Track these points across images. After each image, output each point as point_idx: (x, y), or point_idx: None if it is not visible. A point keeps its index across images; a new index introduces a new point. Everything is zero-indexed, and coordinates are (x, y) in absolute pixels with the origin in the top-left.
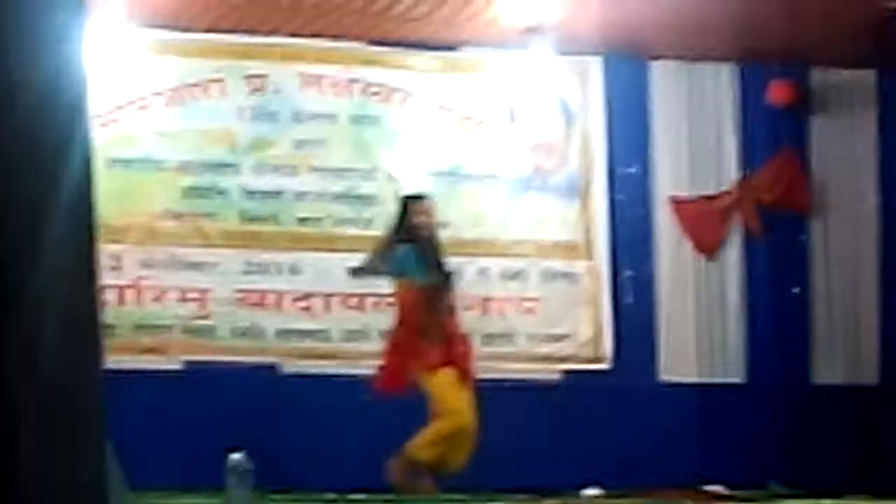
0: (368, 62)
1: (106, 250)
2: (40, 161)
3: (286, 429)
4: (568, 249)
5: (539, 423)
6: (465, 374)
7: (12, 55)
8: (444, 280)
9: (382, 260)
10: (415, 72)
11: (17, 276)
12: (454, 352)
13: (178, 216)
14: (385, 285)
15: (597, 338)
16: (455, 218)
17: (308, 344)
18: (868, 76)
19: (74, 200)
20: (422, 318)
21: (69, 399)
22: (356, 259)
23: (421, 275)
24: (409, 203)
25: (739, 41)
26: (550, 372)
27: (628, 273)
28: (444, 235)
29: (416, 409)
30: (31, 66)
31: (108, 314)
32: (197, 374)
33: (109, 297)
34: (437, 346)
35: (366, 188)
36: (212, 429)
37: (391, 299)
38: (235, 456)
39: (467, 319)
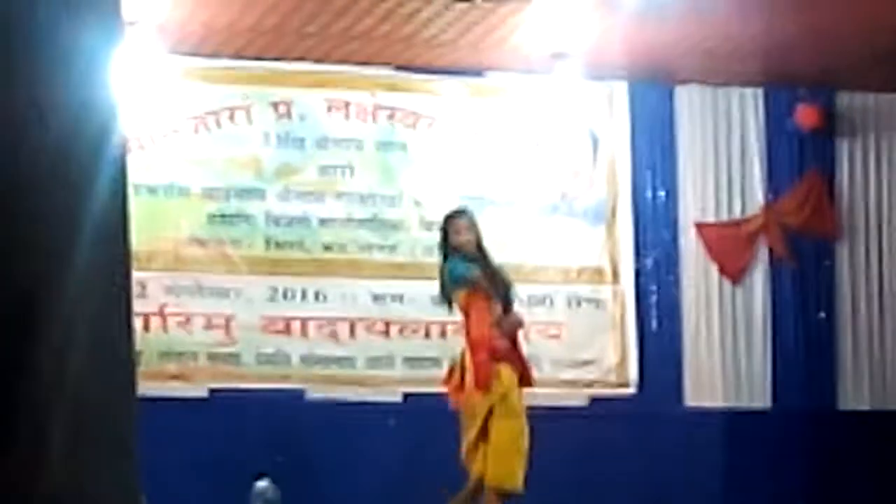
0: (394, 88)
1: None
2: (72, 183)
3: (312, 455)
4: (594, 274)
5: (565, 448)
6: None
7: (44, 78)
8: (495, 284)
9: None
10: (441, 97)
11: (47, 300)
12: (516, 355)
13: (203, 242)
14: (411, 311)
15: (623, 363)
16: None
17: (333, 370)
18: (893, 100)
19: (106, 224)
20: (489, 317)
21: (99, 423)
22: (381, 285)
23: (472, 272)
24: (448, 221)
25: (764, 65)
26: (577, 397)
27: (654, 298)
28: None
29: (443, 436)
30: (64, 88)
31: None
32: (222, 401)
33: (135, 323)
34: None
35: (391, 214)
36: (237, 456)
37: (415, 326)
38: (261, 483)
39: None
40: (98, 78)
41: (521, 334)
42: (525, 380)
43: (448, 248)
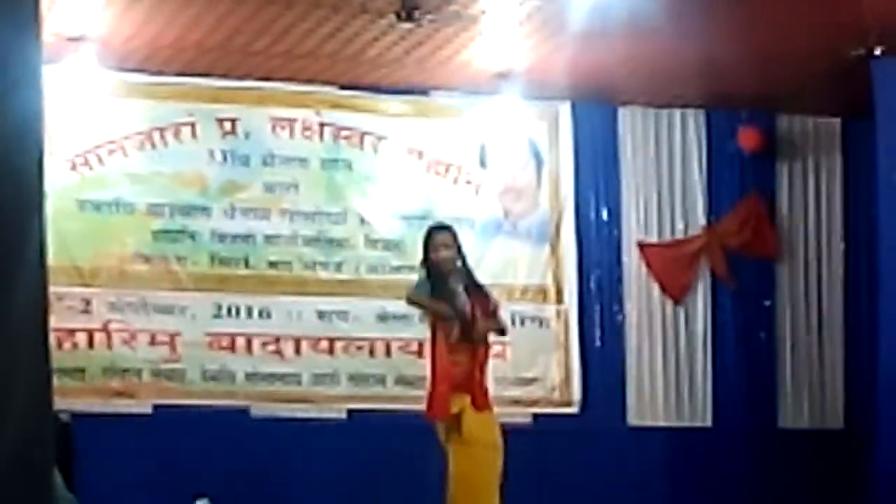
0: (340, 106)
1: (76, 293)
2: (6, 210)
3: (256, 473)
4: (538, 293)
5: (509, 466)
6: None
7: None
8: (453, 312)
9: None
10: (386, 116)
11: None
12: (471, 383)
13: (148, 259)
14: (356, 329)
15: (566, 382)
16: None
17: (278, 387)
18: (833, 123)
19: (33, 252)
20: (447, 348)
21: (21, 458)
22: (326, 302)
23: (419, 293)
24: (428, 237)
25: (707, 88)
26: (521, 415)
27: (597, 317)
28: (415, 278)
29: (387, 454)
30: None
31: (78, 357)
32: (166, 418)
33: (79, 339)
34: (462, 373)
35: (337, 231)
36: (181, 472)
37: (360, 343)
38: (200, 502)
39: None
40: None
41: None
42: (477, 403)
43: (427, 263)
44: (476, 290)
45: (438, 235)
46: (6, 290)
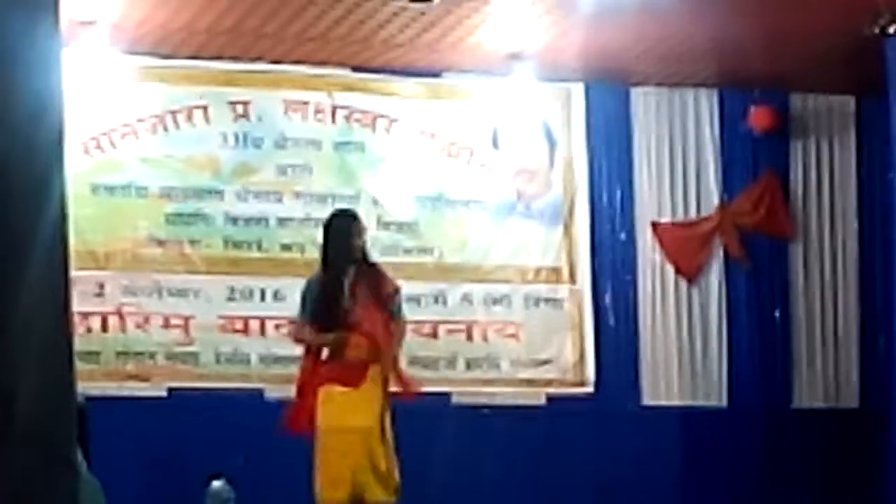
0: (352, 88)
1: (89, 276)
2: (14, 200)
3: (269, 455)
4: (551, 274)
5: (523, 447)
6: (353, 380)
7: None
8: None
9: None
10: (398, 98)
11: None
12: (353, 375)
13: (161, 242)
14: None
15: (580, 362)
16: (439, 243)
17: (292, 370)
18: (847, 101)
19: (49, 233)
20: (318, 351)
21: (40, 438)
22: None
23: (317, 307)
24: (342, 223)
25: (720, 67)
26: (534, 396)
27: (611, 298)
28: (427, 260)
29: (401, 437)
30: (6, 93)
31: (92, 341)
32: (180, 401)
33: (93, 323)
34: (335, 369)
35: None
36: (195, 455)
37: None
38: (217, 483)
39: (451, 344)
40: (44, 83)
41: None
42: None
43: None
44: (371, 274)
45: (357, 223)
46: (21, 269)
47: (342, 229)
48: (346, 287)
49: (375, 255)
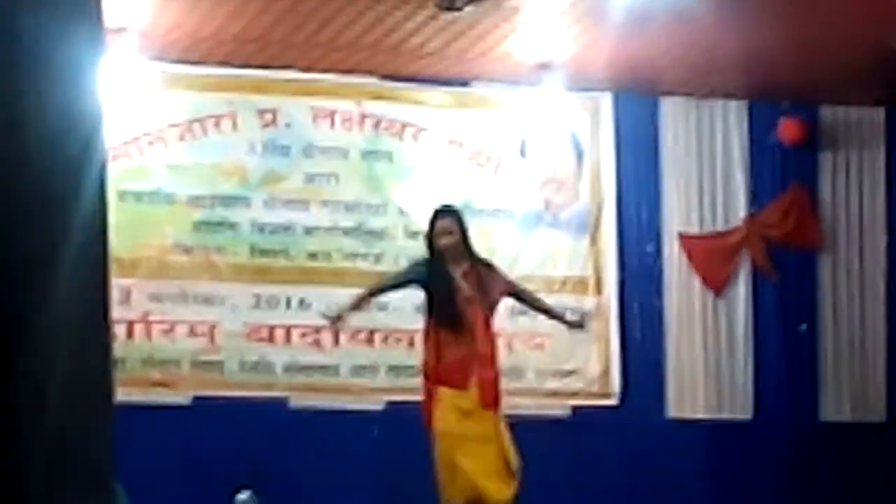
0: (380, 97)
1: (115, 284)
2: (52, 197)
3: (295, 464)
4: (577, 285)
5: (548, 458)
6: (480, 391)
7: (23, 88)
8: (447, 295)
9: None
10: (426, 107)
11: (27, 315)
12: (464, 372)
13: (188, 250)
14: (395, 320)
15: (606, 373)
16: None
17: (317, 378)
18: (877, 113)
19: (87, 235)
20: (436, 339)
21: (77, 459)
22: None
23: (426, 292)
24: (432, 222)
25: (749, 78)
26: (559, 407)
27: (637, 309)
28: None
29: (426, 445)
30: (44, 99)
31: (117, 348)
32: (206, 409)
33: (118, 330)
34: (448, 365)
35: (376, 223)
36: (220, 464)
37: (399, 334)
38: (243, 494)
39: None
40: (83, 90)
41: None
42: (486, 398)
43: (432, 249)
44: (483, 268)
45: (440, 222)
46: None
47: (429, 231)
48: (455, 281)
49: (401, 264)
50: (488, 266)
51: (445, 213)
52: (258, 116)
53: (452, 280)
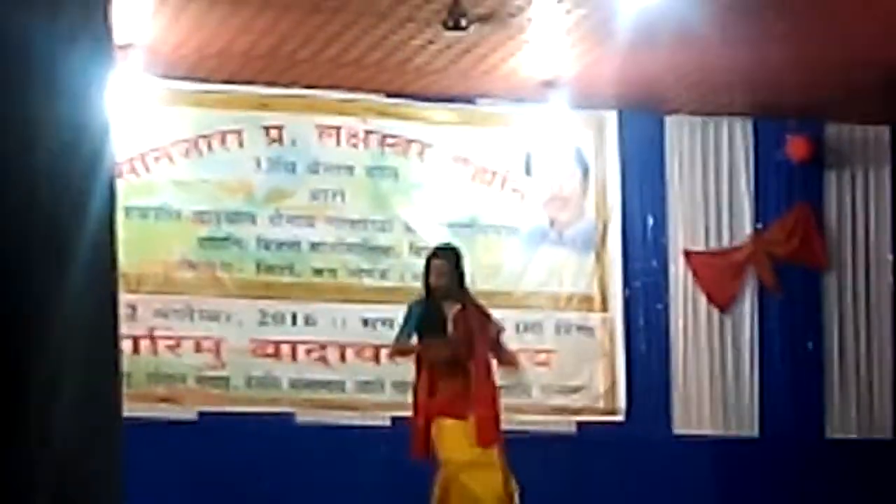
0: (386, 114)
1: (121, 299)
2: (61, 213)
3: (300, 480)
4: (583, 301)
5: (554, 475)
6: (478, 429)
7: (34, 101)
8: (442, 340)
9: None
10: (432, 124)
11: (36, 330)
12: (462, 405)
13: (193, 266)
14: None
15: (611, 390)
16: (471, 269)
17: (323, 394)
18: (882, 132)
19: (95, 249)
20: (429, 376)
21: (84, 482)
22: (371, 310)
23: (417, 333)
24: (429, 260)
25: (754, 96)
26: (565, 424)
27: (643, 326)
28: None
29: (431, 461)
30: (54, 112)
31: (123, 363)
32: (211, 424)
33: (124, 346)
34: (445, 399)
35: (382, 239)
36: (226, 480)
37: None
38: None
39: None
40: (92, 105)
41: (497, 366)
42: (482, 437)
43: (426, 284)
44: (476, 313)
45: (435, 261)
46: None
47: (425, 269)
48: (448, 320)
49: (407, 281)
50: (480, 308)
51: (442, 251)
52: (264, 133)
53: (445, 319)
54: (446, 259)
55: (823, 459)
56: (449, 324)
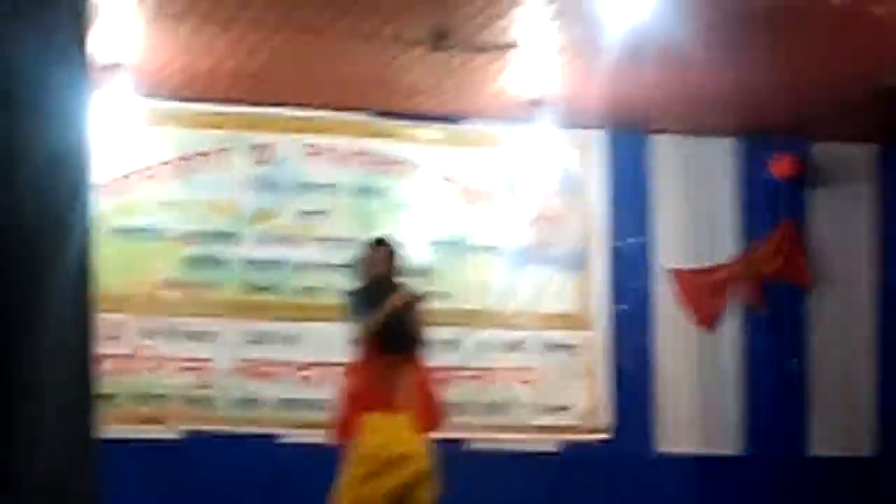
0: (373, 134)
1: (106, 319)
2: (41, 236)
3: (285, 501)
4: (568, 320)
5: (537, 494)
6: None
7: (16, 127)
8: (384, 325)
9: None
10: (419, 143)
11: (17, 353)
12: (396, 397)
13: (179, 286)
14: None
15: (596, 409)
16: (457, 288)
17: (307, 415)
18: (868, 150)
19: (74, 273)
20: (369, 365)
21: (63, 480)
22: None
23: (363, 318)
24: (371, 248)
25: (740, 115)
26: (550, 443)
27: (627, 345)
28: (446, 306)
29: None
30: (37, 141)
31: (108, 383)
32: (196, 444)
33: (109, 365)
34: (381, 391)
35: None
36: (210, 500)
37: None
38: None
39: (466, 389)
40: (72, 132)
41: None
42: (425, 423)
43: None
44: (414, 300)
45: (374, 252)
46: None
47: (365, 258)
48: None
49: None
50: (418, 299)
51: (381, 243)
52: (251, 153)
53: (383, 310)
54: (387, 249)
55: (806, 476)
56: (390, 312)
